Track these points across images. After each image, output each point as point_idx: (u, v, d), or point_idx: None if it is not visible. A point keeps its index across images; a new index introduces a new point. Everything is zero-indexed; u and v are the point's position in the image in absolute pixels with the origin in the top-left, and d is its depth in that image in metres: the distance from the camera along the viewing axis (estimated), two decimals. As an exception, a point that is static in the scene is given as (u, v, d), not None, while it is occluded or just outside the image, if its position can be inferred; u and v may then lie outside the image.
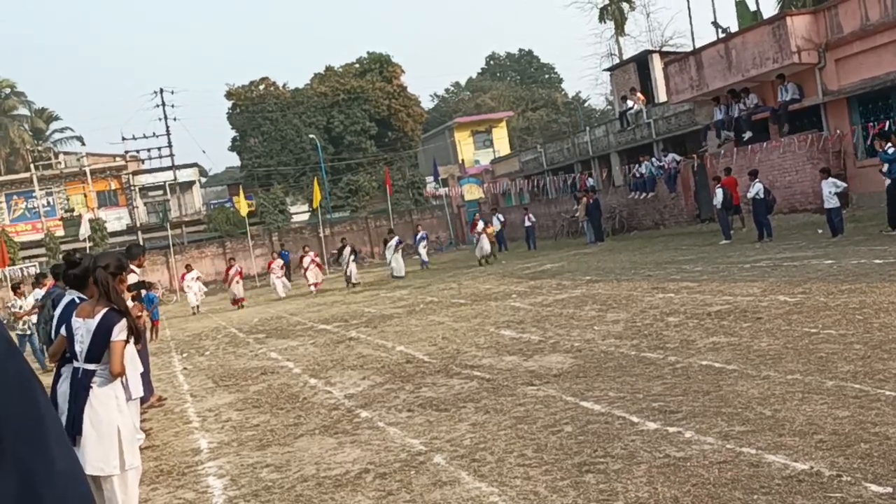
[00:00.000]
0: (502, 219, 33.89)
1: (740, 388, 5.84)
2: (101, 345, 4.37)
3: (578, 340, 9.05)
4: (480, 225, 26.08)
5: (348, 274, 25.59)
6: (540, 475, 4.66)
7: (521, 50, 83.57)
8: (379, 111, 53.96)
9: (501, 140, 57.16)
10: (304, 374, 9.84)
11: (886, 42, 19.42)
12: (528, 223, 31.50)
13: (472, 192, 43.55)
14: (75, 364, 4.42)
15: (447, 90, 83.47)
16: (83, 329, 4.39)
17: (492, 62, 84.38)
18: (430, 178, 50.83)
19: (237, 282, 24.05)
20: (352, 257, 25.57)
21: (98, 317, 4.37)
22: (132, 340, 4.61)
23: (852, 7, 20.46)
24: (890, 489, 3.69)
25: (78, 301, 4.64)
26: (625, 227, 30.43)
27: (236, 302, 24.09)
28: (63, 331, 4.61)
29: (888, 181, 15.61)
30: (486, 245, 25.88)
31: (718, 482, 4.10)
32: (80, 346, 4.40)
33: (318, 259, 26.27)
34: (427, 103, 72.26)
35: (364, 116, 53.45)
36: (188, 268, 25.98)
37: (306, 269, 25.70)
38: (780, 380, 5.92)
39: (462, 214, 46.39)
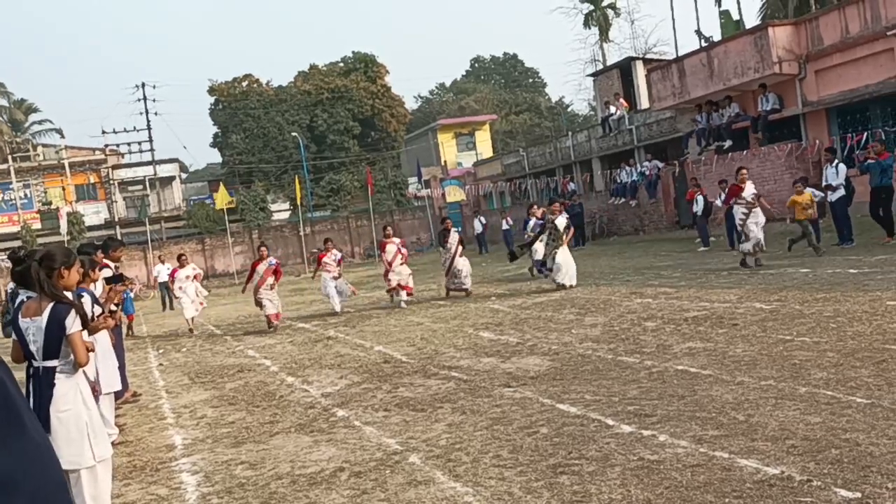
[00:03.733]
0: (484, 221, 33.97)
1: (715, 393, 5.90)
2: (56, 340, 4.29)
3: (556, 343, 9.09)
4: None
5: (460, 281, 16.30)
6: (515, 476, 4.68)
7: (505, 53, 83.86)
8: (363, 111, 53.88)
9: (484, 143, 57.24)
10: (281, 372, 9.81)
11: (866, 55, 19.66)
12: (505, 226, 31.59)
13: (455, 194, 43.53)
14: (34, 363, 4.34)
15: (431, 91, 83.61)
16: (33, 328, 4.29)
17: (476, 65, 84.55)
18: (412, 179, 50.80)
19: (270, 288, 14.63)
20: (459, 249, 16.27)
21: (46, 313, 4.27)
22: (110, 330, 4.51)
23: (833, 19, 20.70)
24: (859, 494, 3.74)
25: (26, 300, 4.51)
26: (605, 233, 30.58)
27: (273, 318, 14.65)
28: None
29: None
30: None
31: (691, 485, 4.14)
32: (35, 346, 4.30)
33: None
34: (411, 104, 72.36)
35: (347, 116, 53.35)
36: (181, 261, 17.28)
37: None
38: (754, 385, 5.98)
39: (444, 216, 46.39)
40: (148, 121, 50.50)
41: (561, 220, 14.72)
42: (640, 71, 31.46)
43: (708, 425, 5.14)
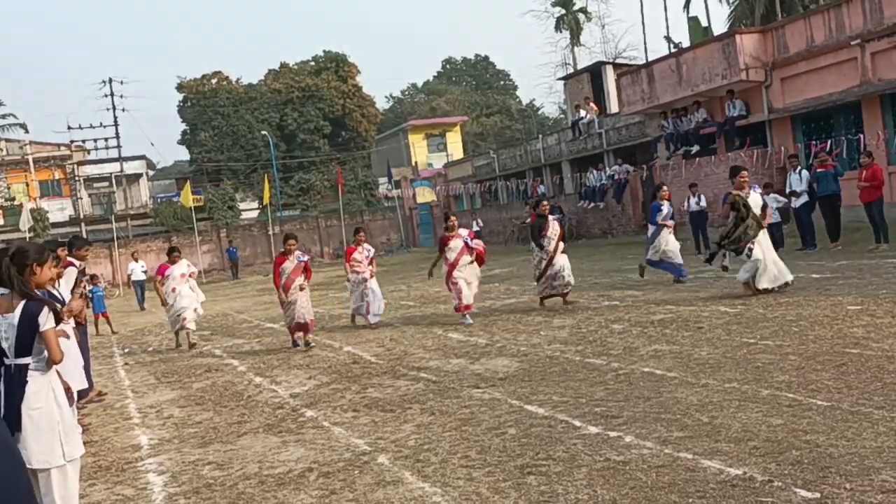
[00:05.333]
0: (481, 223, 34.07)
1: (680, 395, 5.99)
2: (28, 337, 4.24)
3: (525, 345, 9.15)
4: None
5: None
6: (483, 476, 4.72)
7: (477, 55, 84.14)
8: (333, 110, 53.70)
9: (455, 144, 57.37)
10: (249, 372, 9.76)
11: (830, 63, 20.04)
12: (476, 228, 31.72)
13: (425, 194, 43.59)
14: (6, 361, 4.29)
15: (403, 92, 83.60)
16: (4, 325, 4.24)
17: (448, 66, 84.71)
18: (382, 180, 50.78)
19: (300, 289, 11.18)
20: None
21: (18, 310, 4.23)
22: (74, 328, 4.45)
23: (798, 28, 21.07)
24: (818, 495, 3.82)
25: None
26: (574, 235, 30.80)
27: (297, 330, 11.30)
28: None
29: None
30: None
31: (656, 485, 4.20)
32: (7, 343, 4.26)
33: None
34: (382, 104, 72.23)
35: (318, 115, 53.13)
36: (173, 257, 13.35)
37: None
38: (718, 388, 6.08)
39: (414, 217, 46.42)
40: (115, 117, 49.91)
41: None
42: (610, 75, 31.78)
43: (673, 427, 5.22)
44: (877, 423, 4.75)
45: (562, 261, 12.18)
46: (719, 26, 39.95)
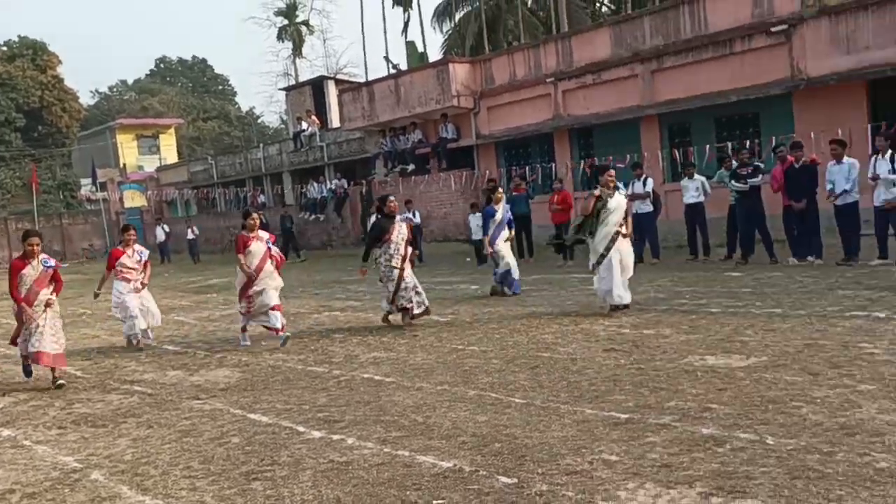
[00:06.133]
0: (168, 230, 32.47)
1: (397, 398, 6.39)
2: None
3: (246, 355, 9.11)
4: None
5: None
6: (207, 486, 4.70)
7: (194, 57, 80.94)
8: (28, 102, 48.63)
9: (169, 147, 54.57)
10: (-75, 391, 8.62)
11: (529, 97, 22.21)
12: (191, 235, 30.56)
13: (134, 198, 41.05)
14: None
15: (111, 88, 77.91)
16: None
17: (162, 65, 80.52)
18: (85, 181, 46.79)
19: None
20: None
21: None
22: None
23: (503, 62, 23.12)
24: (516, 480, 4.35)
25: None
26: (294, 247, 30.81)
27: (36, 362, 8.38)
28: None
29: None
30: None
31: (377, 482, 4.50)
32: None
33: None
34: (87, 99, 66.79)
35: (10, 105, 47.81)
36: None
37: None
38: (431, 390, 6.58)
39: (121, 222, 43.41)
40: None
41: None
42: (331, 90, 32.35)
43: (391, 427, 5.58)
44: (563, 416, 5.46)
45: (411, 273, 10.18)
46: (434, 52, 42.38)
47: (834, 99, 15.96)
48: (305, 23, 53.92)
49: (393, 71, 32.63)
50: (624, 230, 9.79)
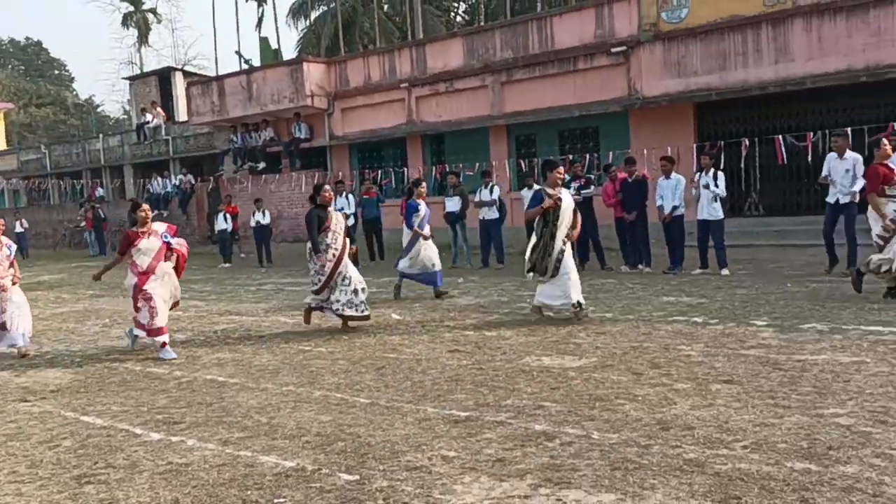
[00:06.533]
0: (26, 224, 30.15)
1: (241, 399, 6.34)
2: None
3: (79, 356, 8.71)
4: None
5: None
6: (34, 490, 4.51)
7: (28, 38, 75.50)
8: None
9: (-4, 133, 50.62)
10: None
11: (383, 101, 22.41)
12: (19, 229, 28.57)
13: (-46, 187, 37.82)
14: None
15: (-74, 66, 71.32)
16: None
17: (-10, 44, 74.60)
18: None
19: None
20: None
21: None
22: None
23: (358, 65, 23.20)
24: (357, 476, 4.46)
25: None
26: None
27: None
28: None
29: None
30: None
31: (217, 482, 4.48)
32: None
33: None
34: None
35: None
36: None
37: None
38: (276, 391, 6.57)
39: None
40: None
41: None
42: (179, 82, 31.24)
43: (234, 428, 5.54)
44: (406, 415, 5.63)
45: (354, 269, 9.48)
46: (288, 50, 41.78)
47: (665, 118, 17.17)
48: (153, 10, 51.71)
49: (245, 66, 31.87)
50: (575, 233, 9.31)
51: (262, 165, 24.96)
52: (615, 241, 14.18)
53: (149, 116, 30.53)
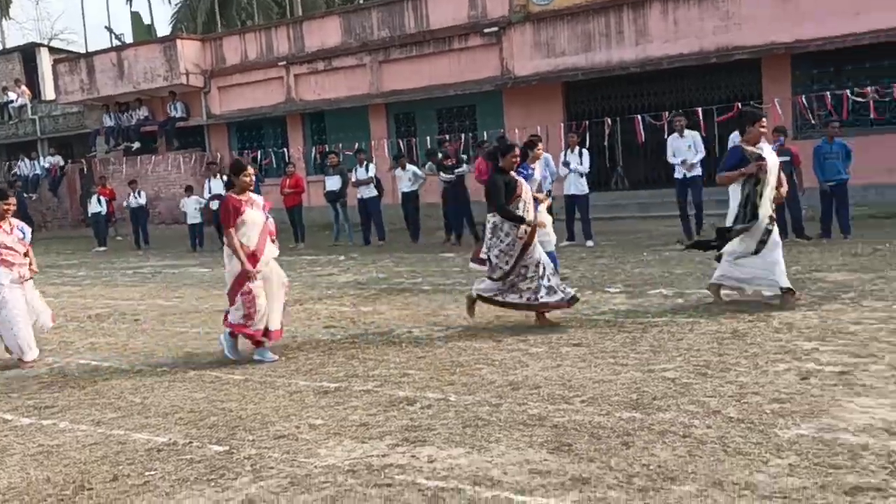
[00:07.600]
0: None
1: (114, 382, 6.45)
2: None
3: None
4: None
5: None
6: None
7: None
8: None
9: None
10: None
11: (261, 79, 22.20)
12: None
13: None
14: None
15: None
16: None
17: None
18: None
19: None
20: None
21: None
22: None
23: (234, 43, 22.85)
24: (227, 447, 4.72)
25: None
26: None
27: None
28: None
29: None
30: None
31: (89, 460, 4.65)
32: None
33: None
34: None
35: None
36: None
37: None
38: (151, 372, 6.71)
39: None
40: None
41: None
42: (45, 59, 29.88)
43: (107, 409, 5.68)
44: (278, 389, 5.91)
45: (539, 248, 7.50)
46: (162, 26, 40.38)
47: (536, 98, 17.86)
48: (13, -20, 48.64)
49: (117, 43, 30.70)
50: (784, 190, 7.70)
51: (136, 146, 24.29)
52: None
53: (13, 95, 29.04)
